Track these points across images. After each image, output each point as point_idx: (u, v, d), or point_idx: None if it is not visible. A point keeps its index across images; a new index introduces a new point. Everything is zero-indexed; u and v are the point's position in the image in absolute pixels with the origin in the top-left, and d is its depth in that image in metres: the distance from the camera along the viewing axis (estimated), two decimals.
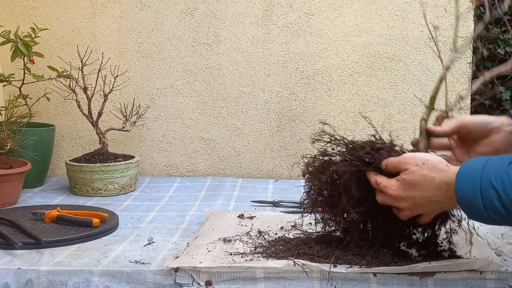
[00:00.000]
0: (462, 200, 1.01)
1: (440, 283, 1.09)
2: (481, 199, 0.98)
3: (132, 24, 2.05)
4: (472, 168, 1.01)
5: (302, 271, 1.10)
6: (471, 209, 1.00)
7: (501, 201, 0.96)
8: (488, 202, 0.97)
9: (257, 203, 1.68)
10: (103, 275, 1.13)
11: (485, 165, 1.00)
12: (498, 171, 0.97)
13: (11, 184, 1.62)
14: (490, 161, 1.00)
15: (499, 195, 0.96)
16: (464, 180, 1.00)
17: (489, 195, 0.97)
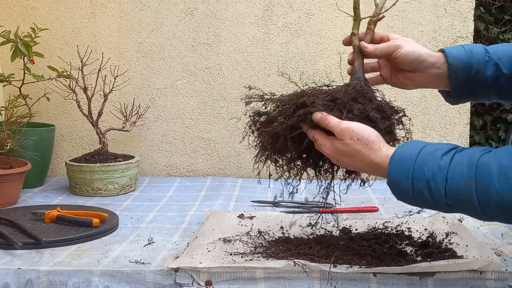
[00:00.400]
0: (393, 185, 1.04)
1: (440, 283, 1.09)
2: (411, 187, 1.01)
3: (132, 24, 2.05)
4: (406, 155, 1.02)
5: (302, 271, 1.10)
6: (400, 193, 1.04)
7: (431, 191, 0.99)
8: (418, 191, 1.00)
9: (257, 203, 1.68)
10: (103, 275, 1.13)
11: (419, 153, 1.01)
12: (431, 162, 0.99)
13: (11, 184, 1.62)
14: (425, 149, 1.02)
15: (429, 186, 0.99)
16: (397, 166, 1.02)
17: (420, 184, 1.00)
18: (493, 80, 1.19)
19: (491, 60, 1.18)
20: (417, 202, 1.03)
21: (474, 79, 1.19)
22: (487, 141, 4.01)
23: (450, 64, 1.18)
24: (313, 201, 1.66)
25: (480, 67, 1.18)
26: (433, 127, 2.05)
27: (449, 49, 1.21)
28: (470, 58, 1.18)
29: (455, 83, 1.19)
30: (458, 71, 1.18)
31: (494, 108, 3.88)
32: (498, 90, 1.21)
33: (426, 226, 1.39)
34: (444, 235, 1.31)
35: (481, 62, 1.18)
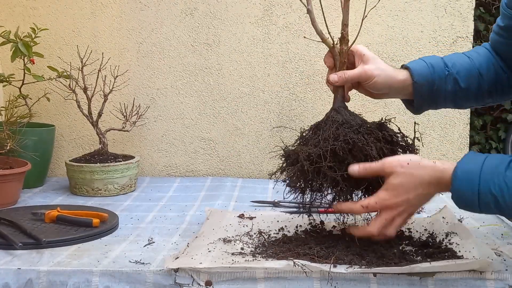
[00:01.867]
0: (459, 201, 1.09)
1: (440, 283, 1.09)
2: (478, 203, 1.06)
3: (132, 24, 2.05)
4: (469, 172, 1.06)
5: (302, 271, 1.10)
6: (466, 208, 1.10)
7: (498, 205, 1.05)
8: (485, 206, 1.06)
9: (257, 203, 1.68)
10: (103, 275, 1.13)
11: (482, 169, 1.05)
12: (497, 178, 1.04)
13: (11, 184, 1.62)
14: (486, 163, 1.06)
15: (497, 201, 1.04)
16: (462, 183, 1.07)
17: (487, 200, 1.05)
18: (452, 93, 1.29)
19: (450, 74, 1.27)
20: (481, 211, 1.09)
21: (436, 93, 1.28)
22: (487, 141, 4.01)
23: (415, 82, 1.25)
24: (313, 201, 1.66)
25: (441, 82, 1.28)
26: (433, 127, 2.05)
27: (414, 66, 1.27)
28: (433, 73, 1.27)
29: (419, 97, 1.28)
30: (422, 88, 1.27)
31: (494, 108, 3.87)
32: (455, 101, 1.33)
33: (426, 226, 1.39)
34: (444, 235, 1.30)
35: (442, 78, 1.27)
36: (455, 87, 1.29)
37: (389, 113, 2.02)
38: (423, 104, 1.31)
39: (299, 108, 2.05)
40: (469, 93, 1.31)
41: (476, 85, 1.31)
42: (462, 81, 1.29)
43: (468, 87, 1.30)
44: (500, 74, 1.32)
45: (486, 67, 1.31)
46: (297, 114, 2.05)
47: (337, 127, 1.19)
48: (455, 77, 1.28)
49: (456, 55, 1.33)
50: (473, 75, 1.30)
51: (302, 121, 2.04)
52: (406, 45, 2.02)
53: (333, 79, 1.25)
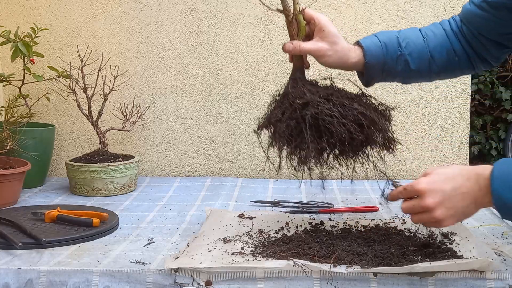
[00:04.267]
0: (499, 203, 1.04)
1: (440, 283, 1.09)
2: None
3: (132, 24, 2.05)
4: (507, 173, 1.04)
5: (302, 271, 1.10)
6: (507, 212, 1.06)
7: None
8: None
9: (257, 203, 1.68)
10: (103, 275, 1.13)
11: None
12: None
13: (11, 184, 1.62)
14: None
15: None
16: (501, 185, 1.03)
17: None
18: (401, 73, 1.33)
19: (402, 55, 1.30)
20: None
21: (386, 72, 1.32)
22: (487, 141, 4.01)
23: (367, 62, 1.29)
24: (313, 201, 1.67)
25: (392, 63, 1.30)
26: (433, 127, 2.05)
27: (368, 46, 1.29)
28: (385, 54, 1.29)
29: (369, 75, 1.32)
30: (374, 67, 1.30)
31: (494, 108, 3.87)
32: (404, 80, 1.38)
33: None
34: (444, 235, 1.31)
35: (393, 59, 1.30)
36: (405, 68, 1.31)
37: None
38: (372, 80, 1.35)
39: None
40: (418, 74, 1.34)
41: (426, 67, 1.33)
42: (413, 63, 1.31)
43: (418, 69, 1.32)
44: (452, 58, 1.33)
45: (439, 51, 1.32)
46: None
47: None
48: (406, 59, 1.30)
49: (412, 32, 1.33)
50: (425, 58, 1.32)
51: None
52: None
53: (288, 48, 1.27)
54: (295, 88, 1.24)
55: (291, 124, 1.20)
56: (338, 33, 1.27)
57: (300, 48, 1.26)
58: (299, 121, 1.19)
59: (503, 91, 3.76)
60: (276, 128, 1.24)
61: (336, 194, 1.79)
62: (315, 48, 1.26)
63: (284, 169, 2.12)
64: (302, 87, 1.24)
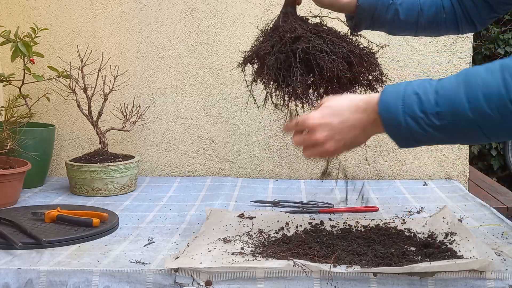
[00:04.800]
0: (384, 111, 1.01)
1: (440, 283, 1.09)
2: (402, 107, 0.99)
3: (132, 24, 2.05)
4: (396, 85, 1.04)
5: (302, 271, 1.10)
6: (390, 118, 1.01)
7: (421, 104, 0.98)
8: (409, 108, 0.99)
9: (257, 203, 1.68)
10: (103, 275, 1.13)
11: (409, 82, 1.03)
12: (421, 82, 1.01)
13: (11, 184, 1.62)
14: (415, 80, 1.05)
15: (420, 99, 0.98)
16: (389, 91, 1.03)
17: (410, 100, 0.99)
18: (389, 22, 1.36)
19: (393, 4, 1.34)
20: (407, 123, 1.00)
21: (375, 18, 1.35)
22: None
23: (359, 5, 1.33)
24: (313, 201, 1.67)
25: (382, 10, 1.34)
26: None
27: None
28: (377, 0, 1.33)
29: (358, 19, 1.35)
30: (364, 11, 1.33)
31: None
32: (390, 29, 1.40)
33: (426, 226, 1.39)
34: (444, 235, 1.31)
35: (384, 6, 1.34)
36: (394, 17, 1.35)
37: None
38: (361, 25, 1.37)
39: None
40: (405, 25, 1.37)
41: (414, 19, 1.36)
42: (402, 13, 1.35)
43: (406, 19, 1.36)
44: (440, 14, 1.36)
45: (429, 4, 1.36)
46: None
47: None
48: (396, 8, 1.34)
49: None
50: (414, 9, 1.35)
51: None
52: (406, 45, 2.02)
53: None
54: (286, 22, 1.26)
55: (280, 57, 1.21)
56: None
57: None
58: (289, 55, 1.20)
59: None
60: (265, 61, 1.23)
61: (336, 194, 1.79)
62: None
63: (284, 169, 2.11)
64: (293, 21, 1.25)
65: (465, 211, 1.57)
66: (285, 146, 2.05)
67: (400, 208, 1.61)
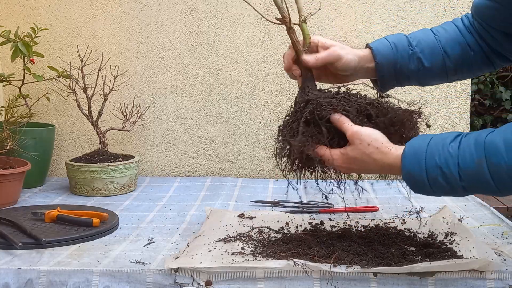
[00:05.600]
0: (409, 178, 1.08)
1: (440, 283, 1.09)
2: (426, 177, 1.05)
3: (132, 24, 2.05)
4: (417, 148, 1.07)
5: (302, 271, 1.10)
6: (416, 186, 1.09)
7: (445, 177, 1.04)
8: (433, 179, 1.05)
9: (257, 203, 1.68)
10: (103, 275, 1.13)
11: (428, 144, 1.06)
12: (441, 150, 1.04)
13: (11, 184, 1.62)
14: (433, 140, 1.07)
15: (443, 172, 1.03)
16: (410, 160, 1.07)
17: (434, 173, 1.04)
18: (415, 73, 1.30)
19: (414, 54, 1.28)
20: (434, 191, 1.07)
21: (399, 72, 1.29)
22: None
23: (377, 62, 1.27)
24: (313, 201, 1.66)
25: (404, 62, 1.28)
26: (433, 127, 2.04)
27: (376, 46, 1.28)
28: (395, 53, 1.28)
29: (382, 77, 1.29)
30: (384, 68, 1.28)
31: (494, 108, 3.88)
32: (419, 80, 1.34)
33: (426, 226, 1.39)
34: (444, 235, 1.31)
35: (405, 57, 1.28)
36: (418, 66, 1.29)
37: None
38: (387, 83, 1.32)
39: None
40: (433, 72, 1.31)
41: (440, 64, 1.30)
42: (426, 60, 1.29)
43: (432, 66, 1.30)
44: (467, 53, 1.31)
45: (451, 45, 1.30)
46: None
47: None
48: (418, 56, 1.28)
49: (422, 32, 1.32)
50: (438, 53, 1.30)
51: None
52: None
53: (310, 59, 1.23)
54: (301, 95, 1.23)
55: (293, 126, 1.19)
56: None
57: (318, 57, 1.24)
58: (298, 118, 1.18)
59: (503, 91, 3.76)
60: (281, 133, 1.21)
61: (336, 194, 1.79)
62: (331, 51, 1.24)
63: None
64: (308, 92, 1.23)
65: (465, 211, 1.57)
66: None
67: (400, 208, 1.61)
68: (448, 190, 1.06)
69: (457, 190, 1.05)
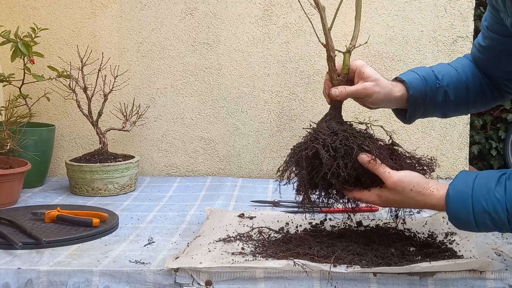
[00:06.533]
0: (456, 221, 1.11)
1: (440, 283, 1.09)
2: (474, 221, 1.07)
3: (132, 24, 2.05)
4: (461, 193, 1.08)
5: (302, 271, 1.10)
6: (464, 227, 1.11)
7: (494, 222, 1.06)
8: (481, 223, 1.07)
9: (257, 203, 1.68)
10: (103, 275, 1.13)
11: (473, 188, 1.07)
12: (488, 195, 1.06)
13: (11, 184, 1.62)
14: (477, 182, 1.08)
15: (492, 218, 1.05)
16: (456, 205, 1.09)
17: (483, 219, 1.06)
18: (441, 105, 1.34)
19: (441, 87, 1.32)
20: (480, 230, 1.10)
21: (428, 105, 1.32)
22: (487, 140, 4.01)
23: (411, 95, 1.29)
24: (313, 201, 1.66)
25: (433, 94, 1.31)
26: (433, 127, 2.05)
27: (409, 80, 1.29)
28: (425, 86, 1.30)
29: (412, 109, 1.31)
30: (416, 101, 1.30)
31: (494, 108, 3.87)
32: (444, 112, 1.38)
33: (426, 226, 1.39)
34: (444, 235, 1.31)
35: (434, 90, 1.31)
36: (445, 98, 1.33)
37: (389, 112, 2.02)
38: (415, 116, 1.34)
39: (299, 108, 2.05)
40: (457, 104, 1.35)
41: (464, 97, 1.35)
42: (452, 94, 1.33)
43: (457, 99, 1.34)
44: (484, 86, 1.36)
45: (472, 80, 1.35)
46: (297, 114, 2.05)
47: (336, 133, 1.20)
48: (445, 90, 1.32)
49: (443, 67, 1.36)
50: (462, 87, 1.34)
51: (302, 120, 2.04)
52: (406, 45, 2.02)
53: (334, 93, 1.24)
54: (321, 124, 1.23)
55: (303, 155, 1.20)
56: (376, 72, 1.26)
57: (347, 91, 1.24)
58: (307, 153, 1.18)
59: None
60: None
61: None
62: (362, 87, 1.24)
63: None
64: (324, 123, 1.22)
65: None
66: (285, 146, 2.05)
67: None
68: (495, 230, 1.09)
69: (504, 230, 1.09)
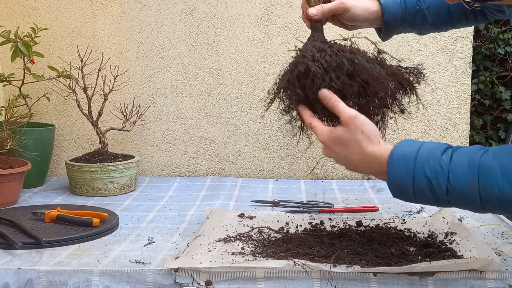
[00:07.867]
0: (393, 182, 1.05)
1: (440, 283, 1.09)
2: (412, 185, 1.03)
3: (132, 24, 2.05)
4: (406, 154, 1.05)
5: (302, 271, 1.10)
6: (399, 191, 1.06)
7: (432, 189, 1.02)
8: (419, 188, 1.03)
9: (257, 203, 1.68)
10: (103, 275, 1.13)
11: (418, 152, 1.04)
12: (432, 161, 1.02)
13: (11, 184, 1.62)
14: (423, 148, 1.05)
15: (431, 184, 1.02)
16: (397, 165, 1.04)
17: (421, 183, 1.02)
18: (418, 26, 1.36)
19: (420, 10, 1.32)
20: (416, 199, 1.06)
21: (403, 26, 1.35)
22: (487, 141, 4.01)
23: (385, 20, 1.31)
24: (313, 201, 1.67)
25: (410, 18, 1.33)
26: (433, 127, 2.05)
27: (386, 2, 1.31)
28: (403, 11, 1.32)
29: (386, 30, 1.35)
30: (391, 23, 1.33)
31: (494, 108, 3.88)
32: (420, 31, 1.40)
33: (426, 226, 1.39)
34: (444, 235, 1.31)
35: (412, 14, 1.32)
36: (422, 22, 1.34)
37: None
38: (390, 34, 1.38)
39: None
40: (435, 26, 1.36)
41: (444, 19, 1.35)
42: (431, 18, 1.33)
43: (435, 23, 1.34)
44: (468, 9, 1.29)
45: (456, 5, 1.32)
46: None
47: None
48: (424, 14, 1.32)
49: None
50: (443, 12, 1.34)
51: None
52: (406, 44, 2.02)
53: (311, 13, 1.26)
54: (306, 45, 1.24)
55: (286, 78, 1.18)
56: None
57: (324, 9, 1.26)
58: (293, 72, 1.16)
59: (503, 91, 3.76)
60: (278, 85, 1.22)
61: (336, 194, 1.79)
62: (339, 3, 1.26)
63: (284, 169, 2.12)
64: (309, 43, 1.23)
65: (465, 211, 1.57)
66: (285, 146, 2.05)
67: (400, 208, 1.61)
68: (431, 200, 1.05)
69: (440, 202, 1.04)
